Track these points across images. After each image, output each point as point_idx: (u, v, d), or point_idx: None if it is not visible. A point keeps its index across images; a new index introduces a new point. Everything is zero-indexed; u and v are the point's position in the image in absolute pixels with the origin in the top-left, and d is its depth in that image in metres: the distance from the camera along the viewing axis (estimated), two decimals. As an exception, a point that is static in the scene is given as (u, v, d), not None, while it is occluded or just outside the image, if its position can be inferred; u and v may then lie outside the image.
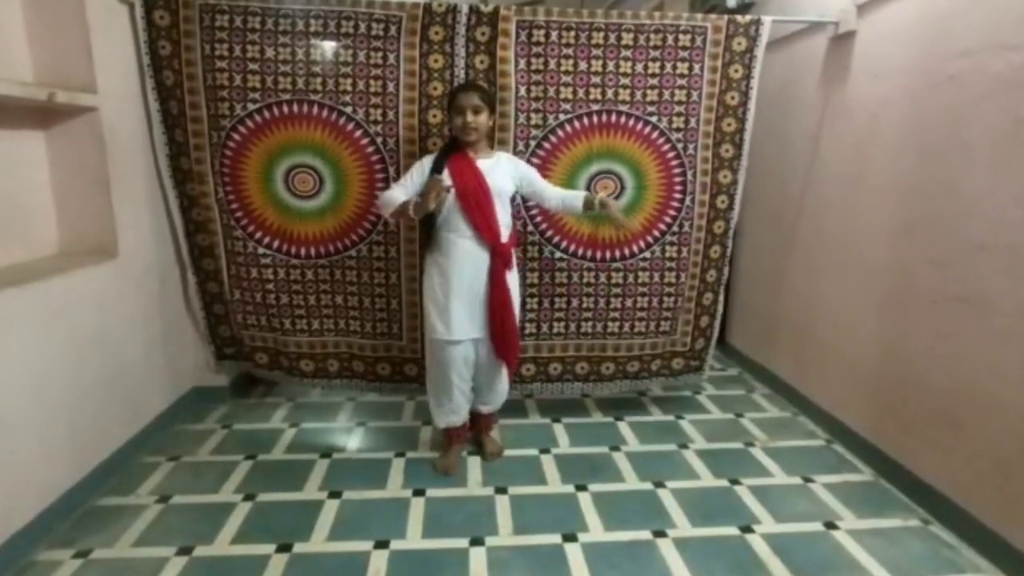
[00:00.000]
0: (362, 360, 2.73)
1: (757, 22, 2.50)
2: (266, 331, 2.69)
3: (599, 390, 2.85)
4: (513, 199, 2.28)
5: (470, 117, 2.09)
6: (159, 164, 2.47)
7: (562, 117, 2.50)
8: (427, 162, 2.18)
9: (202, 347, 2.79)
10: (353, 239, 2.55)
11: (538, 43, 2.44)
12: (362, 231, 2.55)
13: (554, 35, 2.43)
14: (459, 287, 2.15)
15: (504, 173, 2.19)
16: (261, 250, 2.55)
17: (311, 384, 2.80)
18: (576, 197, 2.26)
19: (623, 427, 2.75)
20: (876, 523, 2.04)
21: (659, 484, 2.26)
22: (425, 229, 2.22)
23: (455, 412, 2.33)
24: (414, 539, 1.93)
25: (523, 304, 2.66)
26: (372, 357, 2.71)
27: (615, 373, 2.82)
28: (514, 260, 2.26)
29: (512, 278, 2.24)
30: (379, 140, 2.46)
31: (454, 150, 2.16)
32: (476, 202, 2.10)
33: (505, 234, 2.19)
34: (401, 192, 2.15)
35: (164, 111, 2.41)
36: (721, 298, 2.82)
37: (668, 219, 2.64)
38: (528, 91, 2.47)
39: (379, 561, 1.81)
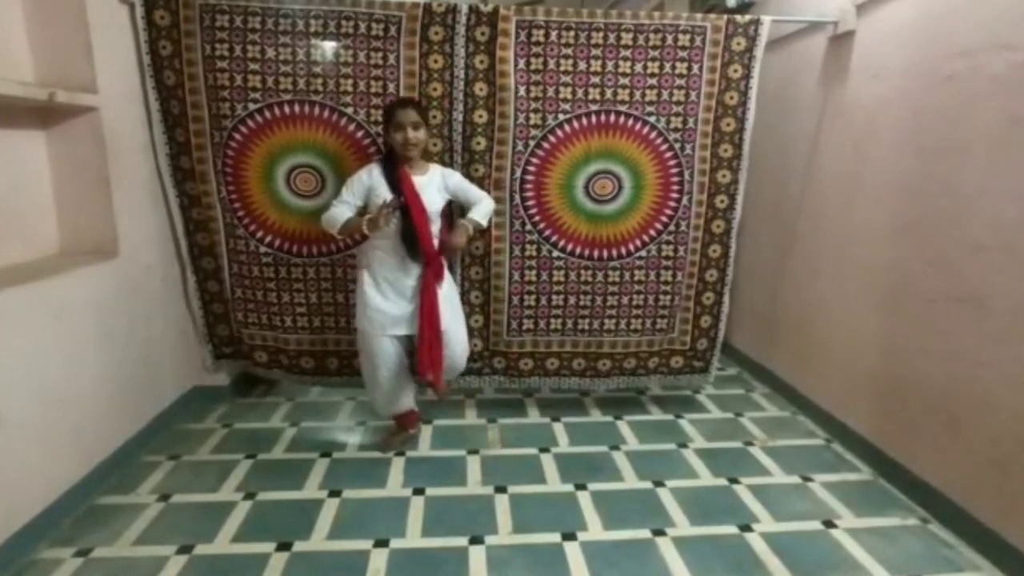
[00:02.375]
0: None
1: (756, 22, 2.50)
2: (266, 329, 2.69)
3: (597, 385, 2.87)
4: (445, 213, 2.32)
5: (411, 133, 2.13)
6: (159, 163, 2.47)
7: (561, 117, 2.51)
8: (365, 177, 2.20)
9: (200, 346, 2.80)
10: (356, 237, 2.55)
11: (538, 43, 2.44)
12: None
13: (553, 35, 2.44)
14: (386, 288, 2.25)
15: (435, 189, 2.24)
16: (263, 249, 2.56)
17: (311, 382, 2.81)
18: (479, 209, 2.31)
19: (622, 426, 2.75)
20: (875, 522, 2.05)
21: (658, 483, 2.27)
22: (414, 245, 2.23)
23: (393, 402, 2.39)
24: (414, 538, 1.93)
25: (521, 301, 2.69)
26: None
27: (611, 369, 2.84)
28: (446, 272, 2.33)
29: (444, 287, 2.31)
30: (380, 141, 2.47)
31: (394, 165, 2.19)
32: (419, 219, 2.16)
33: (435, 244, 2.25)
34: (346, 209, 2.19)
35: (165, 111, 2.41)
36: (726, 299, 2.81)
37: (664, 218, 2.65)
38: (527, 91, 2.48)
39: (379, 560, 1.82)
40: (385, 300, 2.25)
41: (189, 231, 2.59)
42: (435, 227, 2.25)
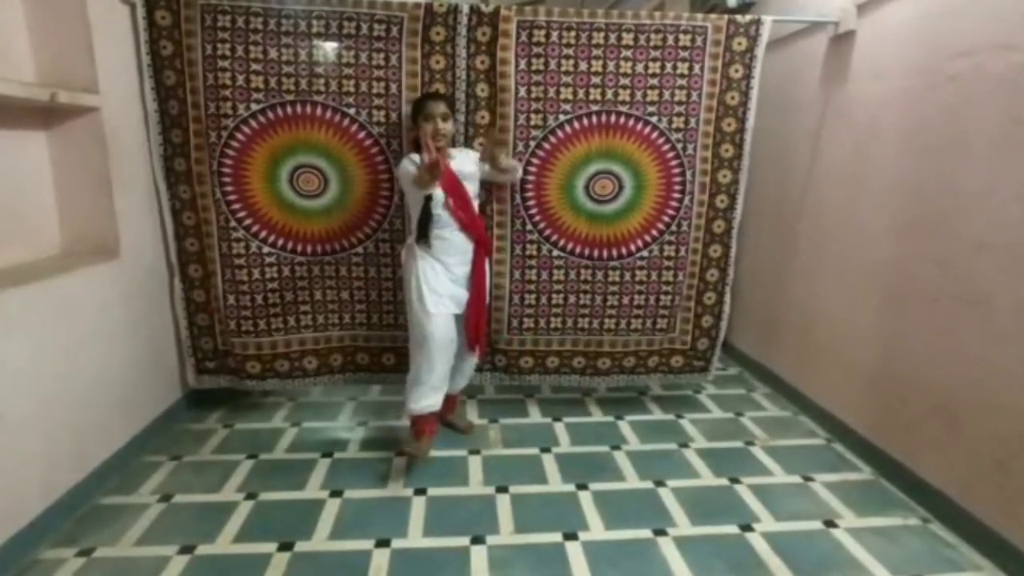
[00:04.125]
0: (367, 352, 2.73)
1: (757, 22, 2.51)
2: (263, 335, 2.63)
3: (596, 383, 2.88)
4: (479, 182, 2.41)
5: (440, 124, 2.19)
6: (153, 165, 2.45)
7: (562, 118, 2.51)
8: (411, 162, 2.25)
9: (184, 361, 2.71)
10: (360, 237, 2.56)
11: (538, 43, 2.45)
12: (368, 229, 2.56)
13: (554, 35, 2.44)
14: (450, 271, 2.30)
15: (467, 160, 2.34)
16: (266, 249, 2.54)
17: (313, 382, 2.78)
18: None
19: (623, 426, 2.75)
20: (876, 522, 2.05)
21: (659, 483, 2.27)
22: (425, 228, 2.25)
23: (436, 391, 2.32)
24: (415, 538, 1.93)
25: (521, 300, 2.72)
26: (378, 348, 2.72)
27: (611, 367, 2.85)
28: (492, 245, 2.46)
29: (487, 264, 2.43)
30: (383, 141, 2.47)
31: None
32: (459, 204, 2.24)
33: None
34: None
35: (164, 111, 2.40)
36: (727, 299, 2.82)
37: (666, 219, 2.65)
38: (528, 91, 2.48)
39: (380, 560, 1.82)
40: (440, 282, 2.28)
41: (179, 236, 2.54)
42: (472, 188, 2.33)
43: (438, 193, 2.21)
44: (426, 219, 2.23)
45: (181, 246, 2.56)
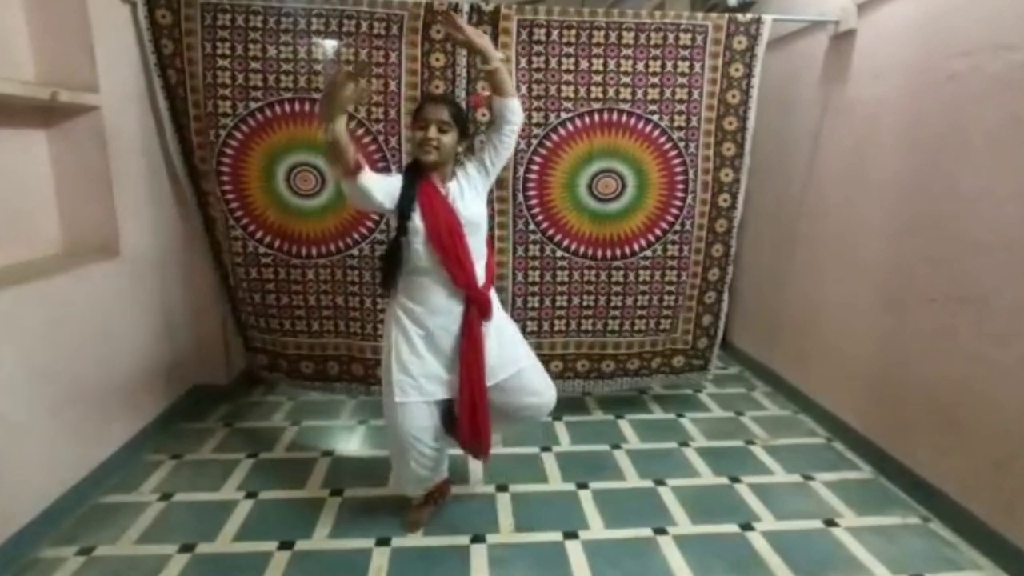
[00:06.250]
0: (362, 363, 2.69)
1: (758, 21, 2.50)
2: (265, 333, 2.67)
3: (600, 387, 2.87)
4: (490, 227, 1.86)
5: (432, 133, 1.69)
6: (174, 162, 2.49)
7: (563, 116, 2.51)
8: (396, 174, 1.83)
9: (232, 340, 2.83)
10: (355, 238, 2.55)
11: (539, 42, 2.44)
12: (364, 230, 2.55)
13: (555, 34, 2.44)
14: (425, 341, 1.79)
15: (471, 193, 1.79)
16: (262, 249, 2.55)
17: (311, 387, 2.76)
18: (497, 102, 1.77)
19: (624, 425, 2.75)
20: (876, 521, 2.05)
21: (660, 482, 2.27)
22: (391, 271, 1.78)
23: (421, 481, 1.92)
24: (415, 537, 1.93)
25: (524, 303, 2.67)
26: (373, 360, 2.66)
27: (615, 371, 2.83)
28: (493, 308, 1.83)
29: (494, 328, 1.85)
30: (381, 139, 2.47)
31: (419, 175, 1.75)
32: (448, 241, 1.71)
33: (480, 271, 1.79)
34: (368, 174, 1.68)
35: (172, 109, 2.42)
36: (725, 297, 2.82)
37: (670, 218, 2.65)
38: (529, 90, 2.48)
39: (380, 559, 1.82)
40: (416, 357, 1.78)
41: (208, 228, 2.61)
42: (477, 241, 1.78)
43: (416, 223, 1.70)
44: (394, 256, 1.74)
45: (213, 237, 2.62)
